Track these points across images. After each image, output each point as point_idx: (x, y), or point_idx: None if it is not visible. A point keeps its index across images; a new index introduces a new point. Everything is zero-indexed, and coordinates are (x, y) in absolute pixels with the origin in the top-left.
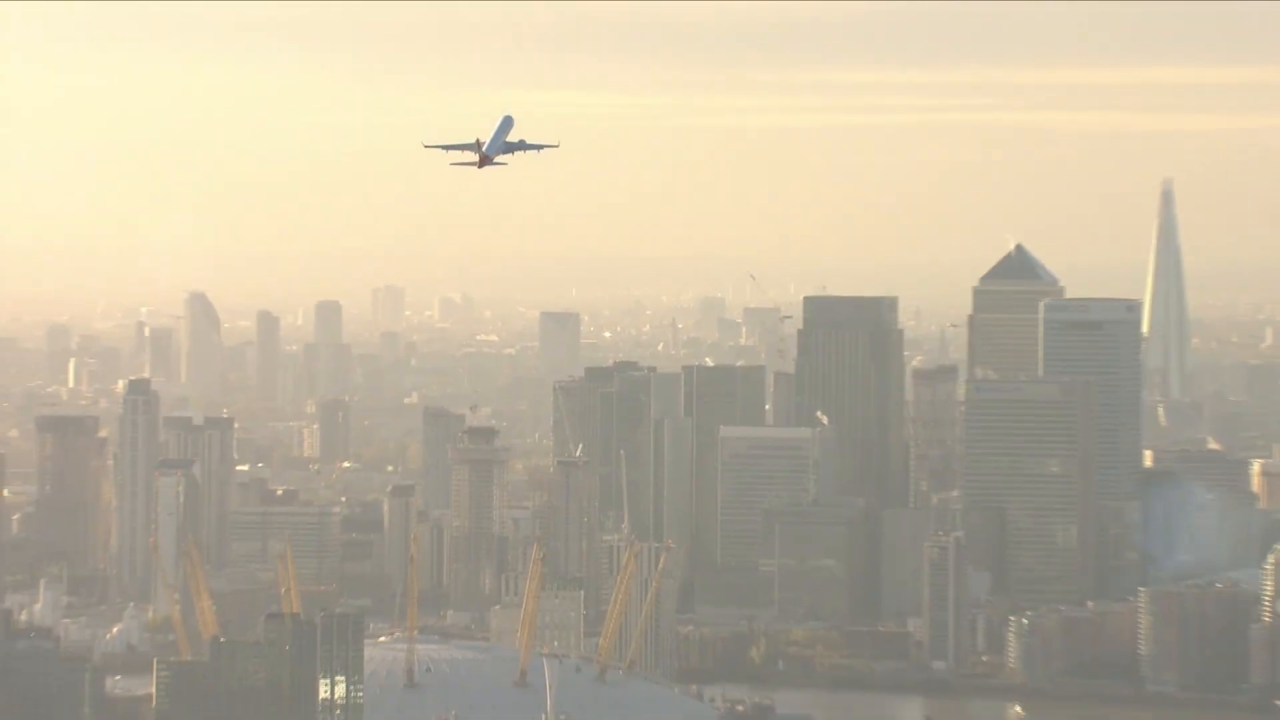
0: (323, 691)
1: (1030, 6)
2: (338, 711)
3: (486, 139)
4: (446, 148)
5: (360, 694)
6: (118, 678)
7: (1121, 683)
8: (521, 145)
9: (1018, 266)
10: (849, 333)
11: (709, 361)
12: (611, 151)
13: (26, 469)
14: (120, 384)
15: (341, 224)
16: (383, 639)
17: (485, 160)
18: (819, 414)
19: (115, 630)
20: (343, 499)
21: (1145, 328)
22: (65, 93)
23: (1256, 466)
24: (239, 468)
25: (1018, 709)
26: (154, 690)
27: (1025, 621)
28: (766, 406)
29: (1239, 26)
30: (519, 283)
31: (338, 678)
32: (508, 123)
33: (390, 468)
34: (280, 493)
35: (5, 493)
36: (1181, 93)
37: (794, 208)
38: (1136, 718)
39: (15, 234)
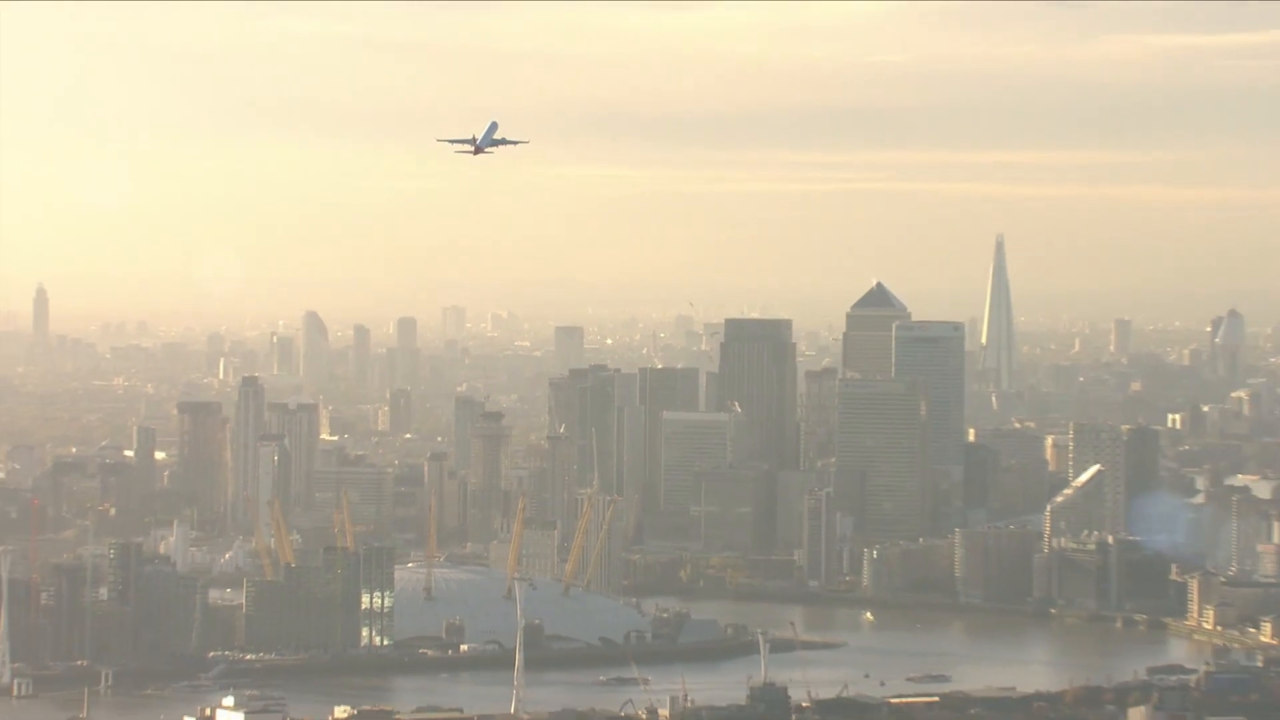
0: (364, 603)
1: (906, 109)
2: (374, 617)
3: (479, 136)
4: (452, 141)
5: (390, 604)
6: (228, 591)
7: (942, 596)
8: (503, 141)
9: (878, 298)
10: (757, 344)
11: (658, 364)
12: (616, 208)
13: (174, 439)
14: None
15: (420, 259)
16: (410, 564)
17: (478, 150)
18: (734, 403)
19: (227, 557)
20: (396, 462)
21: (984, 338)
22: (217, 164)
23: (1049, 440)
24: (330, 438)
25: (868, 615)
26: (244, 601)
27: (875, 552)
28: (699, 397)
29: (1055, 120)
30: (548, 301)
31: (374, 593)
32: (494, 126)
33: (439, 439)
34: (354, 457)
35: (159, 455)
36: (1014, 169)
37: (736, 249)
38: (952, 621)
39: (187, 269)
